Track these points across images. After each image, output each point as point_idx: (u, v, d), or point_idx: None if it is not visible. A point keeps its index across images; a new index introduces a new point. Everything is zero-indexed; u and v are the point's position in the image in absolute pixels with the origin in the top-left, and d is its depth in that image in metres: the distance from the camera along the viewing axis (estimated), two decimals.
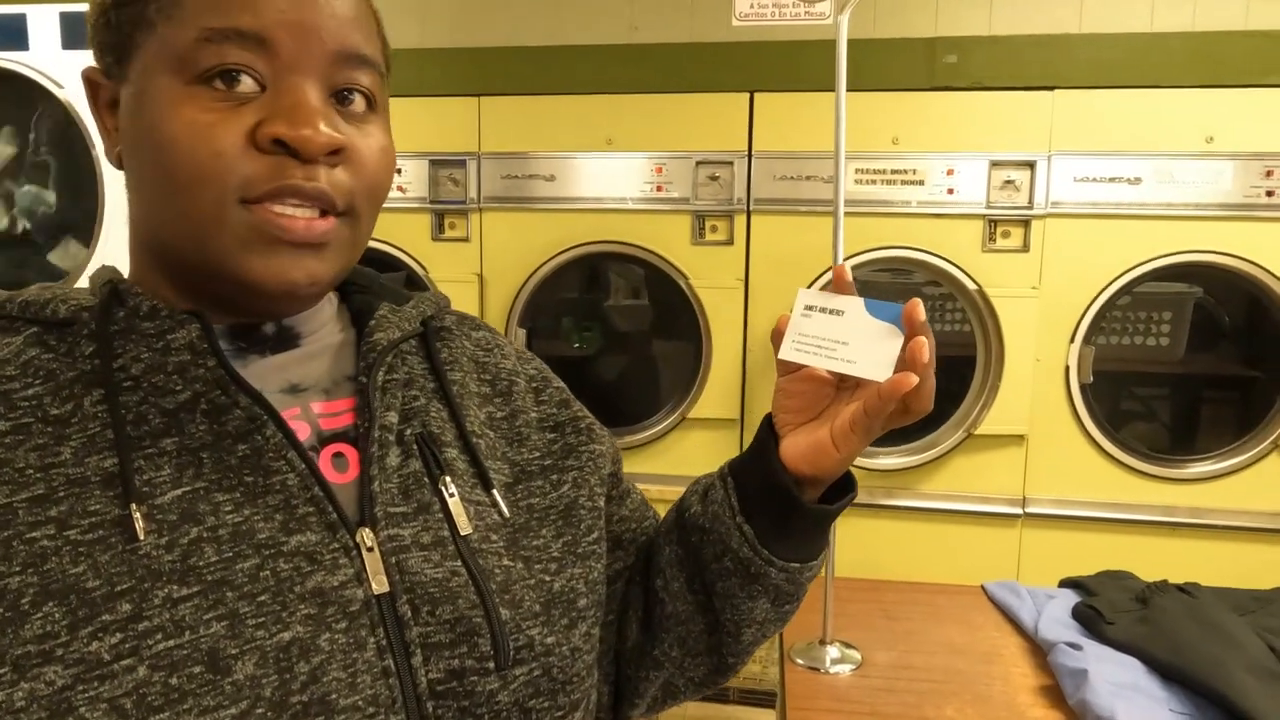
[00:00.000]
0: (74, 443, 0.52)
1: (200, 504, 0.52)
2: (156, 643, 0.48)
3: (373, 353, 0.61)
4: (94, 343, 0.54)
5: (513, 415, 0.69)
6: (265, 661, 0.50)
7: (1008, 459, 2.57)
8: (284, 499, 0.54)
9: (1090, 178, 2.44)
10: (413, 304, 0.67)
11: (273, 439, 0.55)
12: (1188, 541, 2.50)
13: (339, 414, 0.60)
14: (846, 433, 0.64)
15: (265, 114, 0.52)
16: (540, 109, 2.65)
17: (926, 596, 1.60)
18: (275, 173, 0.52)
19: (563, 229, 2.68)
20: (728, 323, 2.63)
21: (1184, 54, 2.38)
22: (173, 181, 0.52)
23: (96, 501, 0.50)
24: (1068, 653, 1.29)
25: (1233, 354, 2.85)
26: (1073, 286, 2.47)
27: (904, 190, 2.53)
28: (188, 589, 0.50)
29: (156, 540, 0.50)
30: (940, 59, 2.50)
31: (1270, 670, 1.18)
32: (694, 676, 0.75)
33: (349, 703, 0.51)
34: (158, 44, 0.53)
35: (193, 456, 0.54)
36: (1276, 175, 2.34)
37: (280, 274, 0.54)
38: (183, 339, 0.54)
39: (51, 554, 0.48)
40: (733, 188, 2.59)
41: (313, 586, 0.53)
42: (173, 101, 0.52)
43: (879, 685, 1.33)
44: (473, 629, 0.56)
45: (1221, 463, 2.49)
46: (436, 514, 0.59)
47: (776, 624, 0.73)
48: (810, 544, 0.69)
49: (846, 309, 0.64)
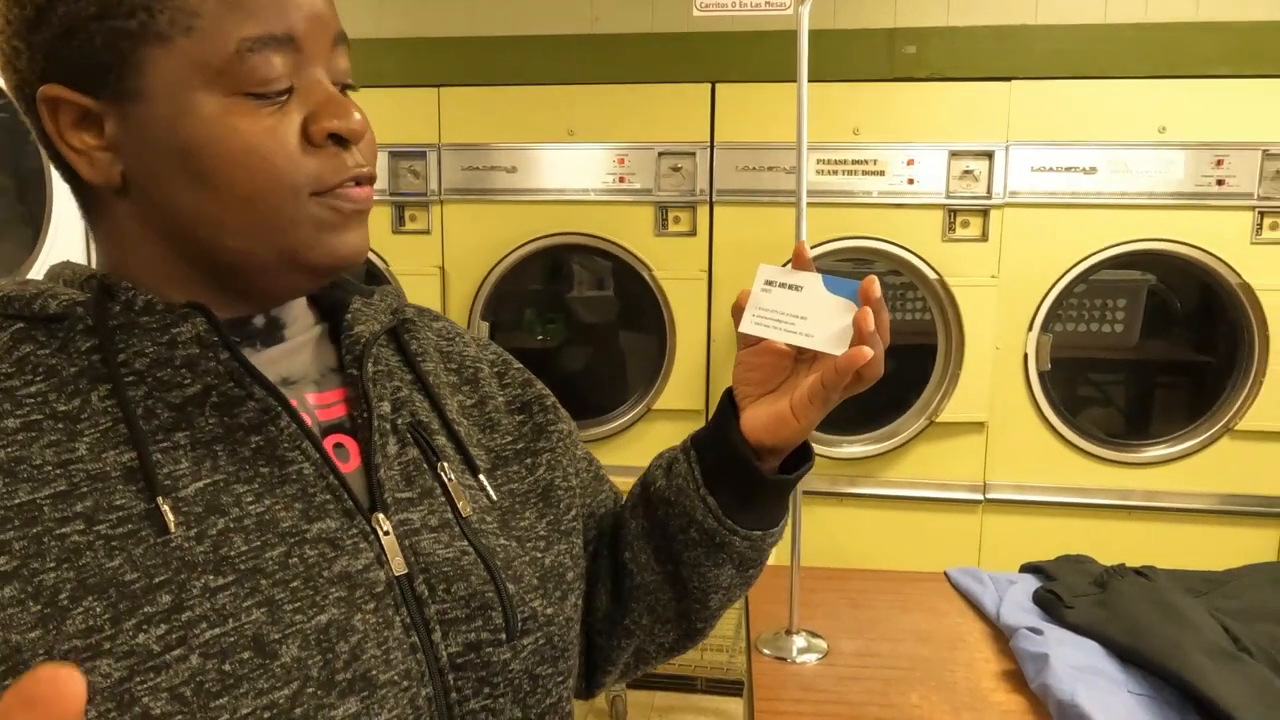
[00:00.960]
0: (88, 438, 0.52)
1: (222, 495, 0.53)
2: (203, 631, 0.49)
3: (357, 345, 0.63)
4: (91, 338, 0.53)
5: (482, 402, 0.71)
6: (308, 643, 0.51)
7: (968, 446, 2.61)
8: (301, 488, 0.56)
9: (1047, 167, 2.47)
10: (379, 296, 0.68)
11: (287, 429, 0.56)
12: (1144, 524, 2.55)
13: (332, 405, 0.62)
14: (805, 404, 0.66)
15: (306, 111, 0.54)
16: (501, 100, 2.63)
17: (891, 584, 1.62)
18: (339, 166, 0.55)
19: (525, 221, 2.67)
20: (691, 314, 2.64)
21: (1137, 45, 2.42)
22: (242, 192, 0.53)
23: (120, 496, 0.51)
24: (1029, 637, 1.31)
25: (1185, 340, 2.91)
26: (1030, 275, 2.51)
27: (865, 180, 2.55)
28: (223, 578, 0.51)
29: (186, 532, 0.51)
30: (900, 50, 2.52)
31: (1224, 650, 1.20)
32: (664, 642, 0.78)
33: (386, 678, 0.54)
34: (182, 59, 0.52)
35: (206, 450, 0.54)
36: (1226, 164, 2.39)
37: (358, 244, 0.58)
38: (188, 332, 0.54)
39: (85, 549, 0.49)
40: (695, 179, 2.59)
41: (339, 570, 0.55)
42: (224, 116, 0.52)
43: (845, 674, 1.34)
44: (486, 603, 0.59)
45: (1175, 446, 2.54)
46: (439, 498, 0.62)
47: (741, 588, 0.76)
48: (772, 512, 0.72)
49: (805, 285, 0.66)
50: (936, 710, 1.24)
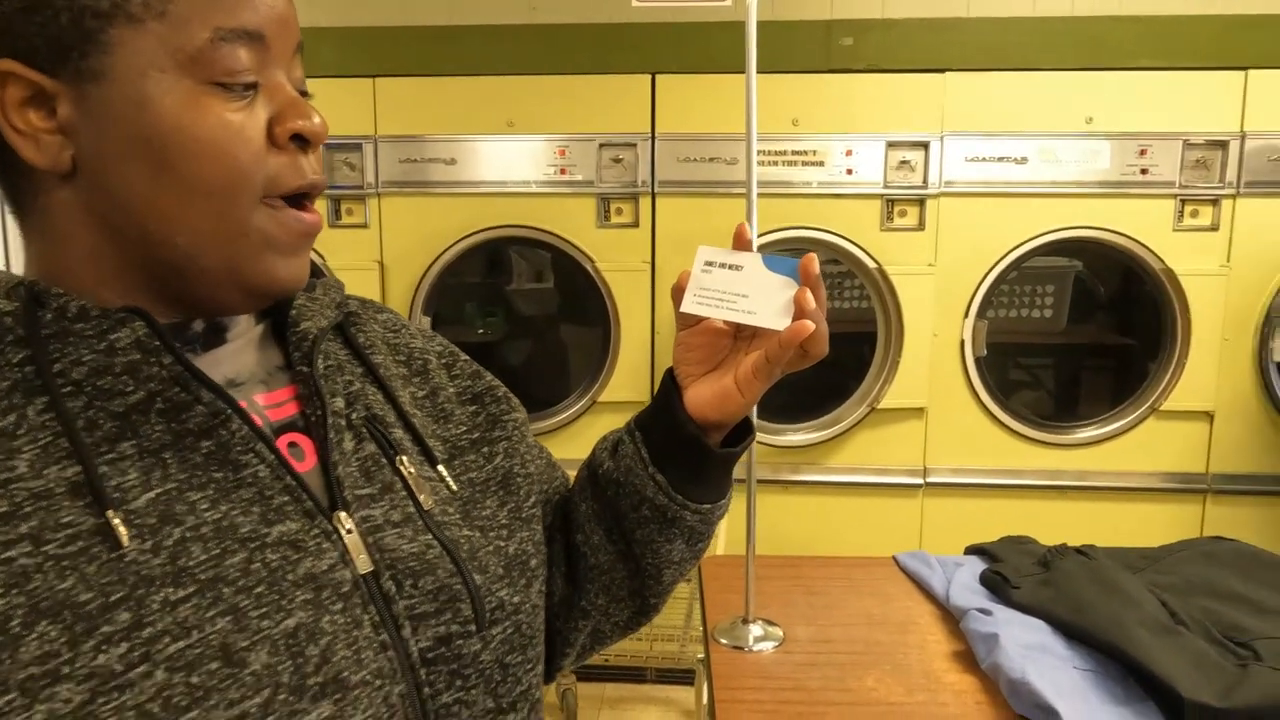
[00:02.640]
0: (27, 455, 0.49)
1: (176, 504, 0.51)
2: (166, 646, 0.48)
3: (305, 341, 0.61)
4: (23, 349, 0.51)
5: (433, 393, 0.71)
6: (277, 649, 0.50)
7: (909, 431, 2.66)
8: (257, 491, 0.54)
9: (980, 157, 2.53)
10: (321, 290, 0.66)
11: (239, 432, 0.54)
12: (1077, 503, 2.63)
13: (283, 404, 0.61)
14: (750, 379, 0.68)
15: (271, 111, 0.54)
16: (438, 90, 2.58)
17: (842, 570, 1.64)
18: (297, 171, 0.55)
19: (465, 213, 2.63)
20: (635, 305, 2.63)
21: (1065, 38, 2.48)
22: (201, 183, 0.52)
23: (67, 513, 0.48)
24: (978, 618, 1.34)
25: (1111, 324, 3.01)
26: (966, 263, 2.57)
27: (805, 171, 2.57)
28: (183, 590, 0.49)
29: (140, 545, 0.49)
30: (837, 41, 2.54)
31: (1162, 624, 1.25)
32: (619, 620, 0.80)
33: (359, 678, 0.53)
34: (153, 41, 0.51)
35: (155, 458, 0.52)
36: (1150, 154, 2.48)
37: (297, 273, 0.57)
38: (127, 338, 0.52)
39: (34, 571, 0.46)
40: (637, 170, 2.58)
41: (304, 573, 0.53)
42: (194, 103, 0.51)
43: (801, 660, 1.36)
44: (454, 596, 0.59)
45: (1104, 427, 2.63)
46: (400, 492, 0.61)
47: (691, 561, 0.78)
48: (718, 485, 0.74)
49: (745, 264, 0.68)
50: (892, 692, 1.27)
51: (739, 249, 0.69)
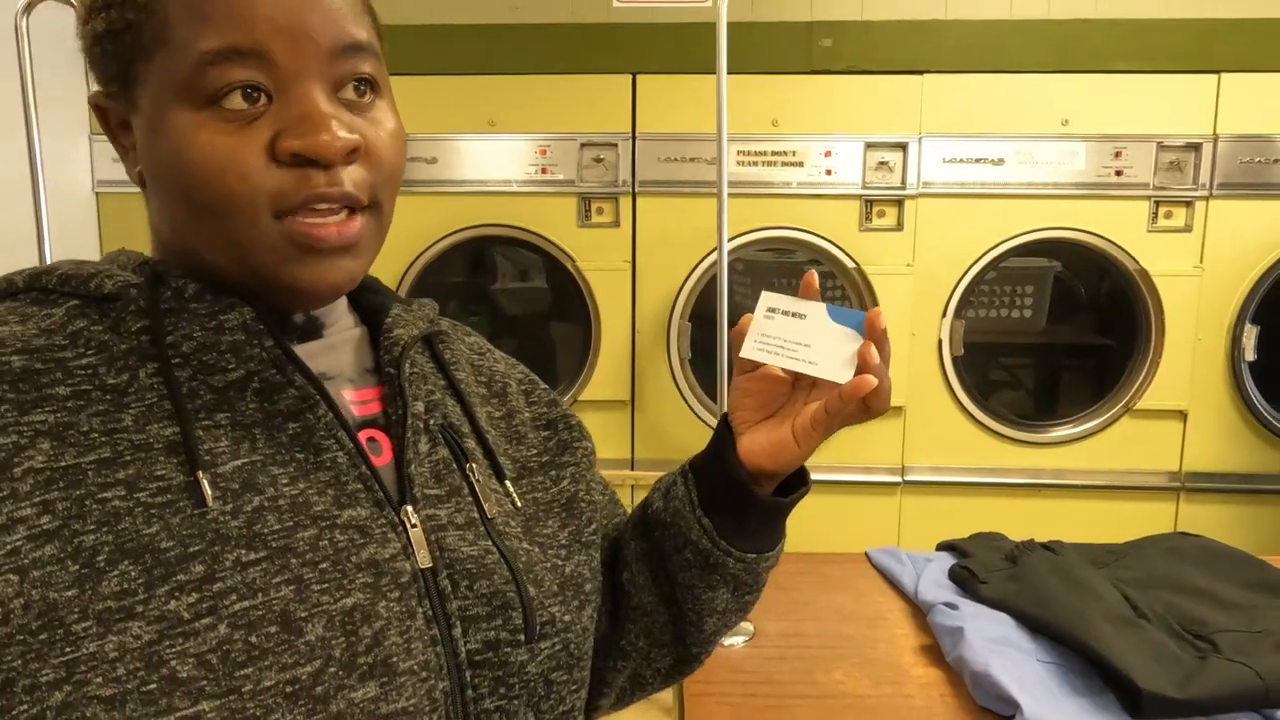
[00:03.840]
0: (133, 410, 0.53)
1: (259, 475, 0.55)
2: (233, 603, 0.50)
3: (396, 346, 0.64)
4: (142, 319, 0.55)
5: (509, 415, 0.73)
6: (332, 624, 0.53)
7: (887, 430, 2.68)
8: (334, 475, 0.57)
9: (957, 159, 2.55)
10: (417, 306, 0.69)
11: (324, 418, 0.57)
12: (1053, 501, 2.66)
13: (368, 402, 0.63)
14: (808, 430, 0.68)
15: (279, 126, 0.53)
16: (420, 89, 2.59)
17: (815, 566, 1.66)
18: (300, 184, 0.53)
19: (446, 212, 2.64)
20: (616, 305, 2.65)
21: (1041, 40, 2.51)
22: (204, 207, 0.54)
23: (162, 467, 0.52)
24: (945, 612, 1.36)
25: (1089, 324, 3.04)
26: (944, 263, 2.59)
27: (784, 171, 2.59)
28: (255, 554, 0.52)
29: (222, 506, 0.52)
30: (816, 43, 2.56)
31: (1124, 618, 1.27)
32: (660, 667, 0.79)
33: (406, 666, 0.55)
34: (160, 72, 0.54)
35: (245, 432, 0.56)
36: (1124, 156, 2.51)
37: (321, 278, 0.56)
38: (235, 320, 0.56)
39: (125, 514, 0.50)
40: (618, 169, 2.60)
41: (367, 557, 0.56)
42: (188, 129, 0.53)
43: (771, 654, 1.37)
44: (506, 603, 0.60)
45: (1080, 426, 2.66)
46: (466, 497, 0.63)
47: (738, 614, 0.77)
48: (767, 535, 0.74)
49: (809, 313, 0.67)
50: (859, 685, 1.28)
51: (806, 298, 0.69)
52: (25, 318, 0.55)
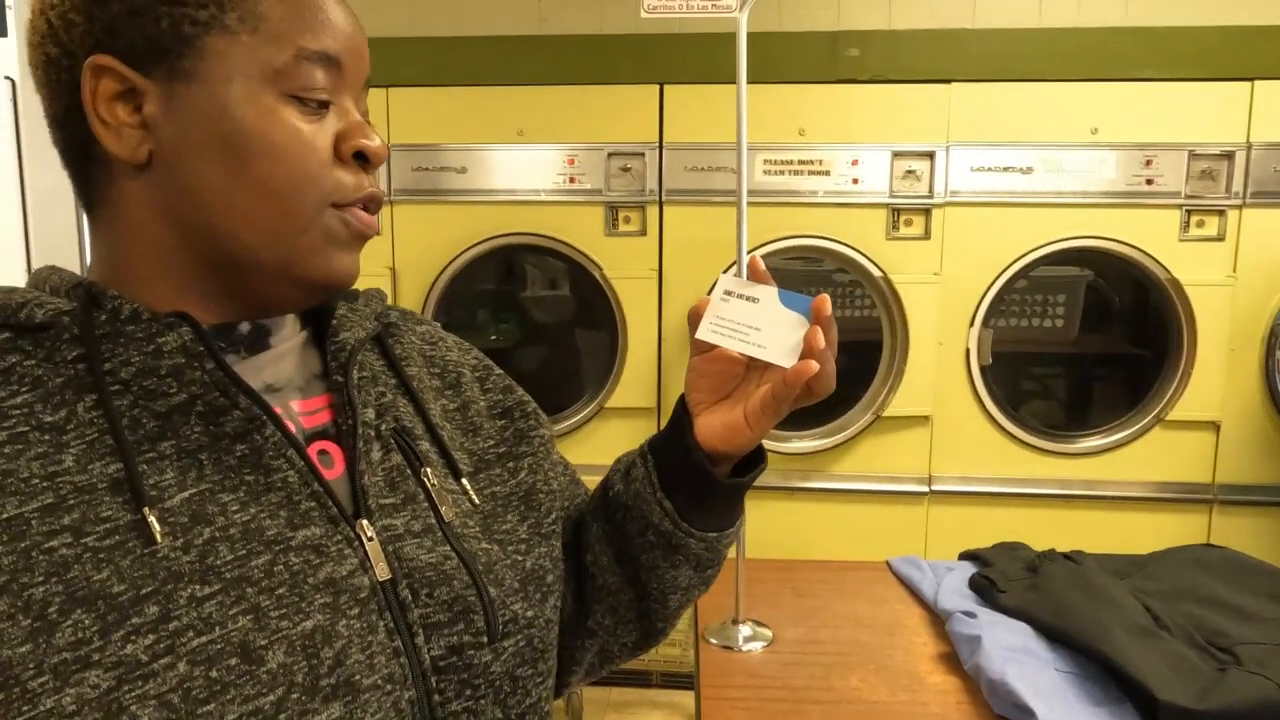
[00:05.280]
0: (74, 450, 0.52)
1: (208, 505, 0.54)
2: (190, 640, 0.50)
3: (343, 352, 0.64)
4: (78, 347, 0.54)
5: (464, 406, 0.73)
6: (293, 650, 0.52)
7: (914, 439, 2.67)
8: (285, 496, 0.57)
9: (985, 167, 2.54)
10: (363, 301, 0.69)
11: (272, 438, 0.57)
12: (1082, 512, 2.63)
13: (316, 411, 0.63)
14: (759, 413, 0.69)
15: (339, 128, 0.59)
16: (450, 100, 2.63)
17: (834, 574, 1.66)
18: (358, 183, 0.59)
19: (476, 221, 2.68)
20: (642, 312, 2.66)
21: (1070, 48, 2.49)
22: (270, 184, 0.56)
23: (107, 508, 0.51)
24: (963, 621, 1.36)
25: (1123, 334, 3.01)
26: (971, 272, 2.58)
27: (811, 180, 2.60)
28: (209, 587, 0.52)
29: (173, 542, 0.52)
30: (843, 52, 2.57)
31: (1144, 628, 1.26)
32: (626, 642, 0.80)
33: (370, 682, 0.55)
34: (244, 52, 0.56)
35: (192, 459, 0.55)
36: (1155, 164, 2.48)
37: (351, 268, 0.60)
38: (174, 342, 0.54)
39: (73, 562, 0.49)
40: (644, 179, 2.62)
41: (324, 577, 0.56)
42: (272, 111, 0.56)
43: (789, 660, 1.38)
44: (468, 607, 0.60)
45: (1110, 437, 2.63)
46: (422, 503, 0.63)
47: (700, 588, 0.78)
48: (726, 514, 0.74)
49: (762, 297, 0.68)
50: (876, 692, 1.29)
51: (755, 280, 0.70)
52: None
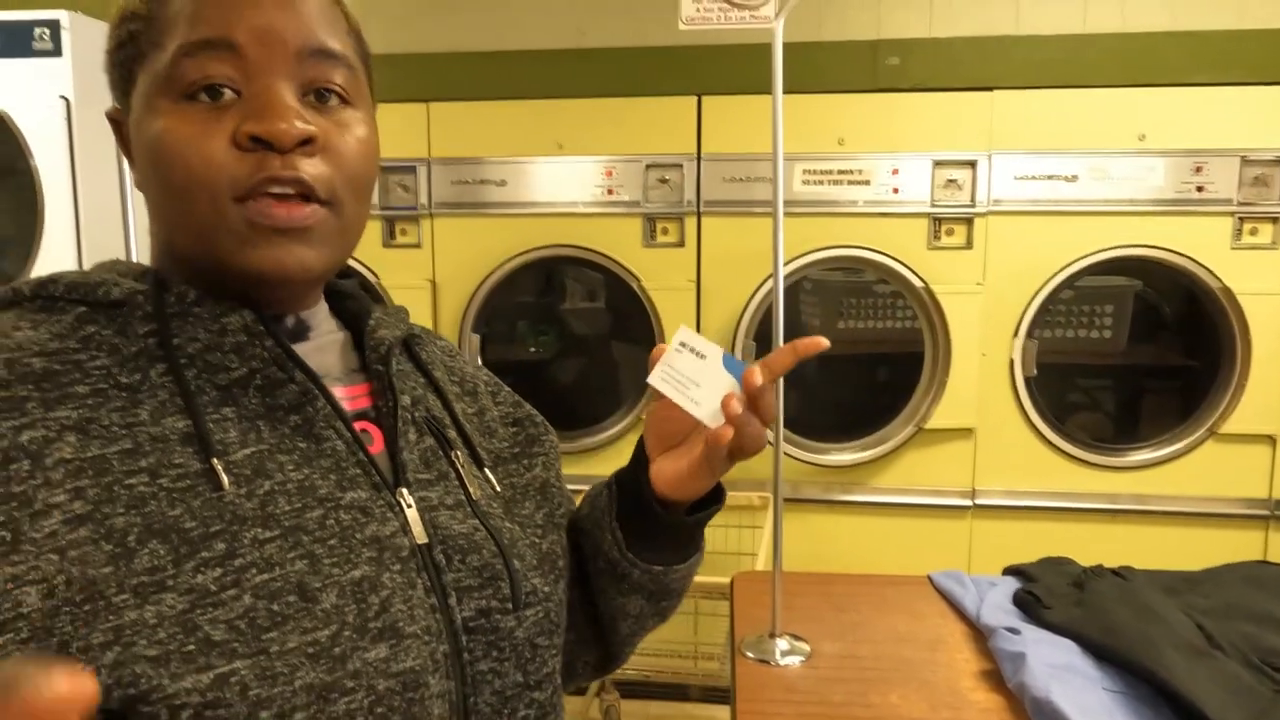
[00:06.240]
0: (148, 406, 0.57)
1: (268, 462, 0.59)
2: (253, 576, 0.55)
3: (382, 345, 0.69)
4: (149, 323, 0.60)
5: (480, 412, 0.78)
6: (344, 593, 0.57)
7: (957, 452, 2.63)
8: (334, 462, 0.62)
9: (1029, 175, 2.50)
10: (394, 311, 0.75)
11: (322, 410, 0.62)
12: (1131, 527, 2.57)
13: (357, 397, 0.68)
14: (699, 466, 0.71)
15: (242, 116, 0.58)
16: (490, 114, 2.66)
17: (874, 588, 1.64)
18: (256, 167, 0.58)
19: (515, 233, 2.69)
20: (680, 323, 2.64)
21: (1115, 54, 2.45)
22: (174, 189, 0.59)
23: (179, 455, 0.56)
24: (1006, 637, 1.33)
25: (1174, 345, 2.93)
26: (1015, 282, 2.54)
27: (850, 190, 2.57)
28: (270, 532, 0.57)
29: (237, 490, 0.57)
30: (883, 61, 2.55)
31: (1195, 646, 1.22)
32: (588, 661, 0.84)
33: (411, 630, 0.60)
34: (147, 71, 0.60)
35: (251, 424, 0.60)
36: (1205, 171, 2.42)
37: (275, 261, 0.59)
38: (237, 323, 0.60)
39: (150, 498, 0.54)
40: (682, 190, 2.62)
41: (370, 534, 0.61)
42: (164, 117, 0.58)
43: (827, 675, 1.36)
44: (495, 575, 0.66)
45: (1160, 450, 2.57)
46: (454, 481, 0.68)
47: (654, 619, 0.81)
48: (676, 550, 0.76)
49: (709, 355, 0.70)
50: (916, 709, 1.26)
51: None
52: (35, 324, 0.58)
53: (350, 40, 0.65)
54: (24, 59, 2.31)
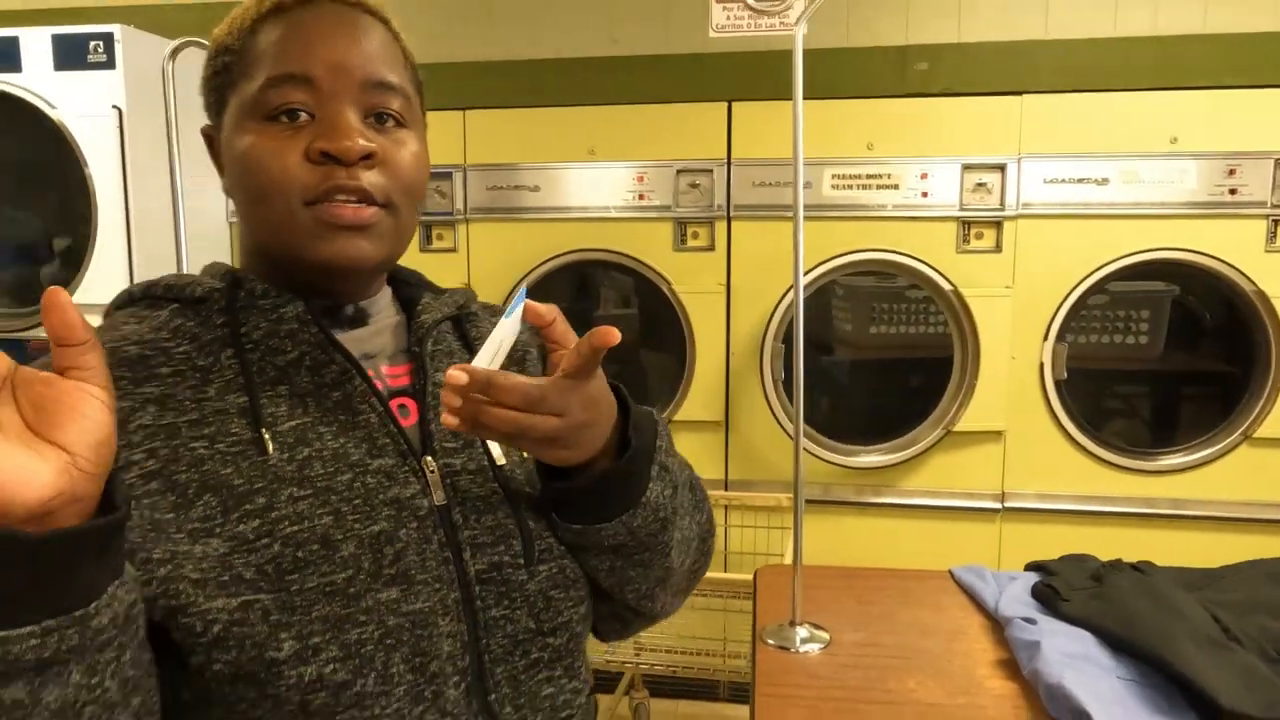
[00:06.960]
0: (215, 385, 0.70)
1: (309, 432, 0.71)
2: (285, 527, 0.66)
3: (421, 329, 0.80)
4: (224, 315, 0.72)
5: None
6: (362, 545, 0.68)
7: (986, 455, 2.63)
8: (367, 433, 0.72)
9: (1059, 179, 2.50)
10: (449, 295, 0.86)
11: (359, 388, 0.73)
12: (1162, 531, 2.55)
13: (399, 375, 0.79)
14: None
15: (315, 135, 0.69)
16: (524, 121, 2.72)
17: (897, 582, 1.66)
18: (325, 177, 0.69)
19: (548, 238, 2.75)
20: (711, 327, 2.69)
21: (1146, 57, 2.45)
22: (256, 194, 0.70)
23: (235, 426, 0.69)
24: (1022, 626, 1.34)
25: (1211, 350, 2.91)
26: (1045, 285, 2.54)
27: (880, 194, 2.59)
28: (304, 491, 0.68)
29: (280, 455, 0.69)
30: (912, 66, 2.58)
31: (1211, 638, 1.23)
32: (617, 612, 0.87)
33: (423, 578, 0.69)
34: (238, 96, 0.72)
35: (300, 400, 0.72)
36: (1239, 174, 2.41)
37: (340, 252, 0.70)
38: (291, 312, 0.72)
39: (207, 459, 0.67)
40: (713, 195, 2.65)
41: (392, 496, 0.71)
42: (251, 135, 0.70)
43: (846, 662, 1.39)
44: (508, 533, 0.75)
45: (1193, 454, 2.55)
46: (479, 449, 0.78)
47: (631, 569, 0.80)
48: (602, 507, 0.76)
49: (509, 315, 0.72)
50: (932, 695, 1.28)
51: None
52: (141, 319, 0.72)
53: (406, 73, 0.77)
54: (79, 71, 2.42)
